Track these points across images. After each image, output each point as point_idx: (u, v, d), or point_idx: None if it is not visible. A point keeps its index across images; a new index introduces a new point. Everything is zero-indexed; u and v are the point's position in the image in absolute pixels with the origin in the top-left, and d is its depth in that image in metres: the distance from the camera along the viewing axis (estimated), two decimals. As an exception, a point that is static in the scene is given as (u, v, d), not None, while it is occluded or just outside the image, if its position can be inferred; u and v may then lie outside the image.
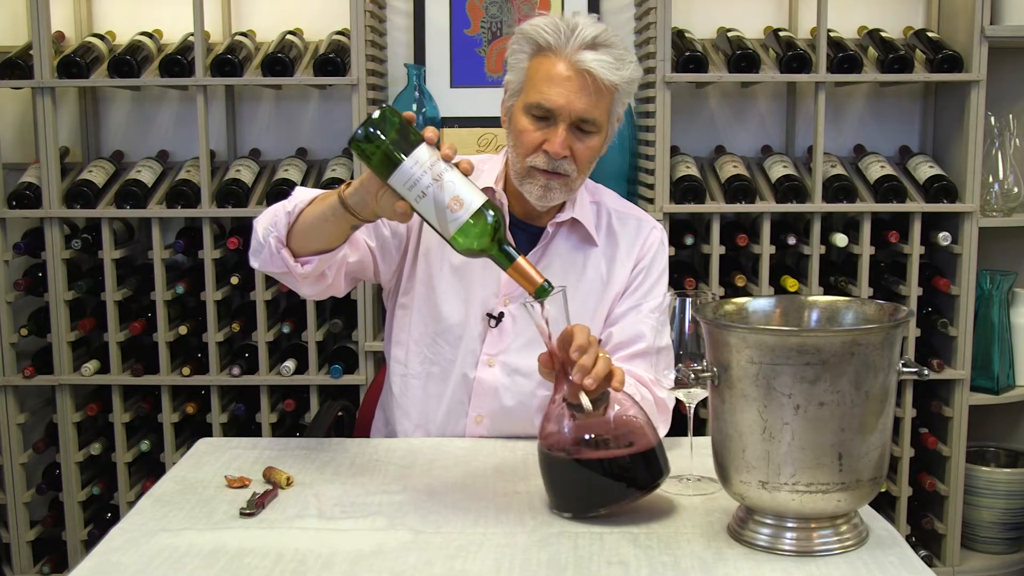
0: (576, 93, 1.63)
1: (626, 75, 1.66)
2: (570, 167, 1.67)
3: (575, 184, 1.70)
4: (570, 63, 1.63)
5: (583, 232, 1.79)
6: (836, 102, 2.95)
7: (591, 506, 1.39)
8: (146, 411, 2.78)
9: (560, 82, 1.63)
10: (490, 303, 1.77)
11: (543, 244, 1.77)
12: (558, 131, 1.64)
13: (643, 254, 1.82)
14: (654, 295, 1.81)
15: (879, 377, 1.24)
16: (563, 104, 1.63)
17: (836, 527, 1.29)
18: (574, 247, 1.79)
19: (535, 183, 1.68)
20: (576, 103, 1.63)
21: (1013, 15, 2.65)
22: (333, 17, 2.80)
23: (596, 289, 1.79)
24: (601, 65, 1.62)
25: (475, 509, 1.43)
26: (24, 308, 2.85)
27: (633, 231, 1.83)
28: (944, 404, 2.77)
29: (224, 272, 2.73)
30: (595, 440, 1.40)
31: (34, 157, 2.77)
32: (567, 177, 1.68)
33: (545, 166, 1.66)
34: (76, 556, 2.77)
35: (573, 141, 1.66)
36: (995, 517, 2.83)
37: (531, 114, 1.66)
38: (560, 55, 1.63)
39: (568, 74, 1.63)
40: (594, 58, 1.62)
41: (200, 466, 1.63)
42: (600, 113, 1.66)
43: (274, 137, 2.94)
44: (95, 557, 1.30)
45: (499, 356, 1.77)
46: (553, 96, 1.63)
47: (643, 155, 2.74)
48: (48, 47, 2.61)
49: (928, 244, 2.73)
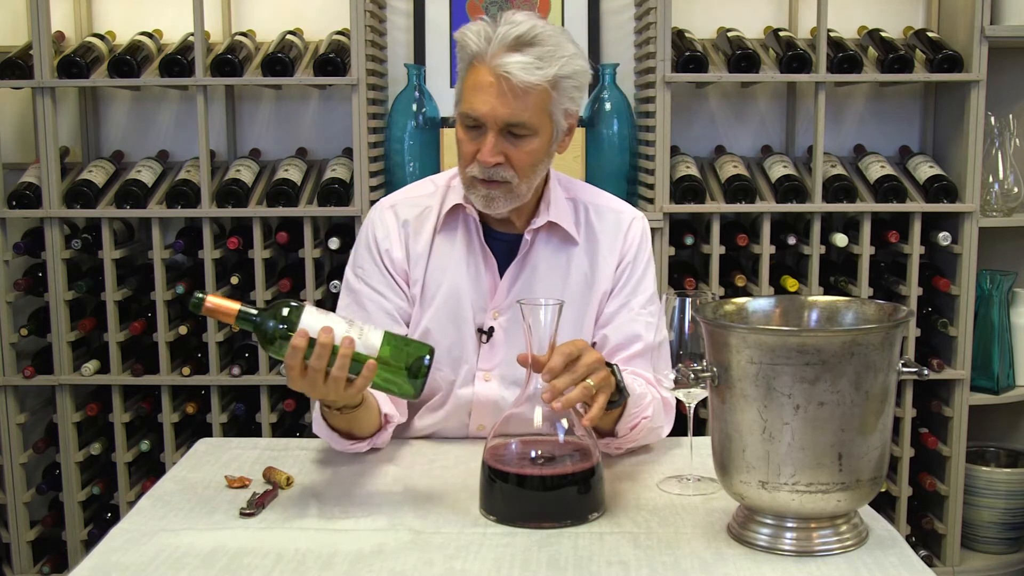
0: (498, 99, 1.58)
1: (556, 70, 1.58)
2: (507, 173, 1.63)
3: (520, 190, 1.66)
4: (490, 69, 1.58)
5: (562, 233, 1.76)
6: (836, 102, 2.95)
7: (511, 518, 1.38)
8: (146, 411, 2.78)
9: (484, 89, 1.59)
10: (479, 318, 1.75)
11: (523, 253, 1.74)
12: (487, 140, 1.61)
13: (626, 250, 1.78)
14: (643, 288, 1.78)
15: (879, 377, 1.24)
16: (487, 111, 1.59)
17: (836, 527, 1.29)
18: (555, 250, 1.76)
19: (477, 193, 1.66)
20: (499, 109, 1.58)
21: (1013, 15, 2.65)
22: (333, 17, 2.80)
23: (582, 289, 1.76)
24: (520, 67, 1.56)
25: (475, 509, 1.43)
26: (24, 308, 2.85)
27: (613, 225, 1.79)
28: (944, 404, 2.77)
29: (224, 272, 2.73)
30: (535, 455, 1.39)
31: (34, 157, 2.77)
32: (507, 184, 1.64)
33: (481, 175, 1.63)
34: (76, 556, 2.77)
35: (507, 147, 1.62)
36: (995, 517, 2.83)
37: (464, 124, 1.64)
38: (483, 61, 1.60)
39: (489, 80, 1.58)
40: (513, 61, 1.57)
41: (200, 466, 1.63)
42: (530, 115, 1.60)
43: (274, 137, 2.94)
44: (95, 557, 1.30)
45: (494, 370, 1.75)
46: (478, 104, 1.60)
47: (643, 155, 2.74)
48: (48, 47, 2.61)
49: (928, 244, 2.73)
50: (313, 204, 2.67)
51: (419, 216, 1.77)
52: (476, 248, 1.74)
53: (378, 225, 1.77)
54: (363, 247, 1.78)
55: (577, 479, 1.38)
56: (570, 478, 1.38)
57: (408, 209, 1.78)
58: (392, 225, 1.76)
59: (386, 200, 1.81)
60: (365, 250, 1.77)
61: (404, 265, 1.76)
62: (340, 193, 2.64)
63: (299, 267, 2.73)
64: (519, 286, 1.74)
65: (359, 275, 1.76)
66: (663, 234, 2.63)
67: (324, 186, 2.65)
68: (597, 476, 1.40)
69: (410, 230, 1.76)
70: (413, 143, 2.70)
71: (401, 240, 1.75)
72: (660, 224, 2.62)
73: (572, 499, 1.38)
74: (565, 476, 1.37)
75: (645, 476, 1.57)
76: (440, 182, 1.80)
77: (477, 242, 1.74)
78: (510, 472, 1.38)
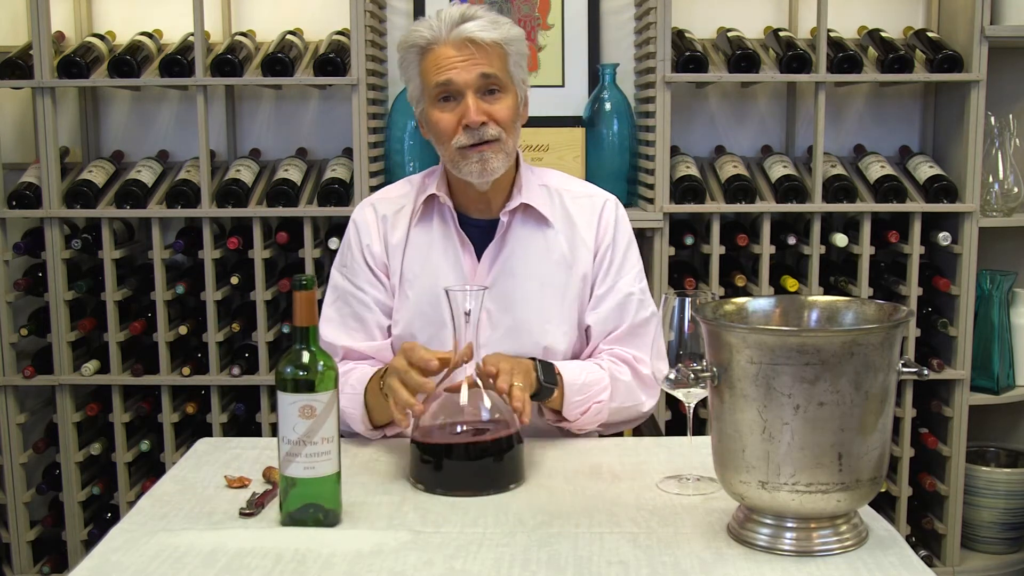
0: (467, 62, 1.70)
1: (505, 32, 1.72)
2: (494, 130, 1.72)
3: (507, 146, 1.74)
4: (451, 42, 1.71)
5: (537, 215, 1.82)
6: (836, 102, 2.95)
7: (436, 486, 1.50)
8: (146, 411, 2.78)
9: (451, 62, 1.71)
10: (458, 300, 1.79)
11: (500, 234, 1.80)
12: (468, 102, 1.70)
13: (602, 235, 1.84)
14: (627, 269, 1.84)
15: (879, 377, 1.24)
16: (461, 75, 1.70)
17: (836, 527, 1.29)
18: (531, 231, 1.82)
19: (470, 161, 1.72)
20: (471, 69, 1.70)
21: (1013, 15, 2.65)
22: (333, 17, 2.80)
23: (560, 269, 1.82)
24: (478, 28, 1.70)
25: (475, 509, 1.43)
26: (24, 308, 2.85)
27: (588, 210, 1.85)
28: (944, 404, 2.77)
29: (224, 272, 2.73)
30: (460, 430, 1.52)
31: (34, 157, 2.77)
32: (497, 141, 1.72)
33: (470, 140, 1.71)
34: (76, 556, 2.77)
35: (486, 107, 1.71)
36: (995, 517, 2.83)
37: (439, 101, 1.73)
38: (440, 43, 1.72)
39: (451, 52, 1.71)
40: (469, 26, 1.71)
41: (200, 466, 1.63)
42: (498, 69, 1.72)
43: (274, 137, 2.95)
44: (95, 557, 1.30)
45: (480, 349, 1.77)
46: (451, 75, 1.70)
47: (643, 155, 2.74)
48: (48, 47, 2.61)
49: (928, 244, 2.73)
50: (313, 204, 2.67)
51: (396, 212, 1.85)
52: (452, 234, 1.81)
53: (359, 222, 1.86)
54: (346, 245, 1.87)
55: (495, 450, 1.50)
56: (491, 448, 1.50)
57: (386, 205, 1.87)
58: (372, 220, 1.85)
59: (367, 199, 1.91)
60: (348, 248, 1.86)
61: (384, 258, 1.84)
62: (340, 193, 2.64)
63: (299, 267, 2.74)
64: (498, 266, 1.80)
65: (343, 273, 1.86)
66: (663, 234, 2.63)
67: (324, 186, 2.65)
68: (515, 449, 1.52)
69: (388, 224, 1.84)
70: (413, 143, 2.70)
71: (380, 234, 1.84)
72: (660, 224, 2.62)
73: (492, 469, 1.50)
74: (486, 447, 1.50)
75: (645, 476, 1.57)
76: (415, 181, 1.90)
77: (453, 228, 1.81)
78: (436, 444, 1.51)
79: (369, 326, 1.82)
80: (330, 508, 1.38)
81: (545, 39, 2.87)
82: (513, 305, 1.79)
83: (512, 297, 1.79)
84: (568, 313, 1.81)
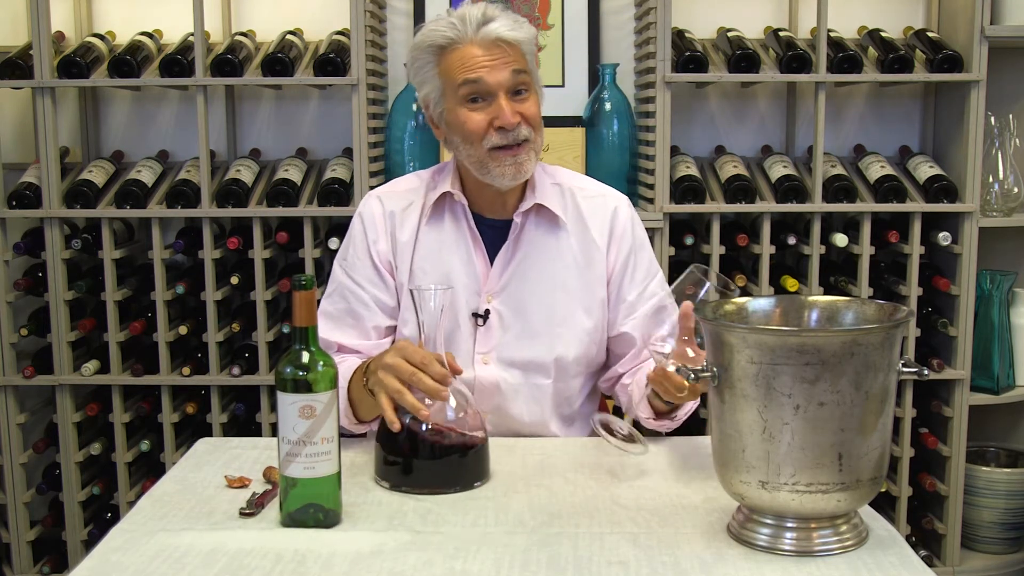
0: (499, 63, 1.68)
1: (527, 31, 1.72)
2: (527, 131, 1.71)
3: (538, 146, 1.74)
4: (478, 42, 1.69)
5: (550, 215, 1.81)
6: (836, 102, 2.95)
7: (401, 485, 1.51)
8: (146, 411, 2.78)
9: (479, 61, 1.68)
10: (473, 303, 1.79)
11: (514, 235, 1.79)
12: (501, 103, 1.68)
13: (621, 239, 1.83)
14: (652, 270, 1.86)
15: (879, 377, 1.24)
16: (494, 76, 1.68)
17: (836, 527, 1.29)
18: (544, 232, 1.81)
19: (503, 163, 1.70)
20: (504, 71, 1.68)
21: (1013, 15, 2.65)
22: (333, 17, 2.80)
23: (574, 271, 1.81)
24: (505, 28, 1.69)
25: (475, 509, 1.43)
26: (24, 308, 2.85)
27: (600, 210, 1.84)
28: (944, 404, 2.77)
29: (224, 272, 2.73)
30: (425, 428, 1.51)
31: (34, 157, 2.77)
32: (529, 142, 1.71)
33: (503, 141, 1.69)
34: (76, 556, 2.77)
35: (518, 106, 1.70)
36: (995, 517, 2.83)
37: (469, 102, 1.70)
38: (465, 42, 1.69)
39: (480, 51, 1.68)
40: (495, 26, 1.68)
41: (200, 466, 1.63)
42: (525, 67, 1.71)
43: (274, 137, 2.94)
44: (95, 557, 1.30)
45: (492, 353, 1.79)
46: (482, 74, 1.68)
47: (643, 155, 2.74)
48: (48, 47, 2.61)
49: (928, 244, 2.73)
50: (313, 204, 2.67)
51: (405, 208, 1.82)
52: (466, 234, 1.79)
53: (366, 216, 1.83)
54: (350, 239, 1.84)
55: (461, 448, 1.51)
56: (456, 447, 1.51)
57: (393, 200, 1.83)
58: (378, 214, 1.82)
59: (373, 192, 1.87)
60: (352, 242, 1.84)
61: (389, 256, 1.81)
62: (340, 193, 2.64)
63: (299, 267, 2.74)
64: (512, 268, 1.79)
65: (344, 267, 1.84)
66: (663, 234, 2.63)
67: (324, 186, 2.65)
68: (480, 447, 1.53)
69: (396, 220, 1.81)
70: (413, 143, 2.70)
71: (387, 230, 1.81)
72: (660, 224, 2.62)
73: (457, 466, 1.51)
74: (451, 445, 1.51)
75: (645, 476, 1.57)
76: (424, 177, 1.86)
77: (466, 228, 1.79)
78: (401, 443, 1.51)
79: (364, 325, 1.80)
80: (330, 508, 1.38)
81: (545, 39, 2.87)
82: (526, 309, 1.79)
83: (525, 300, 1.79)
84: (580, 317, 1.80)
